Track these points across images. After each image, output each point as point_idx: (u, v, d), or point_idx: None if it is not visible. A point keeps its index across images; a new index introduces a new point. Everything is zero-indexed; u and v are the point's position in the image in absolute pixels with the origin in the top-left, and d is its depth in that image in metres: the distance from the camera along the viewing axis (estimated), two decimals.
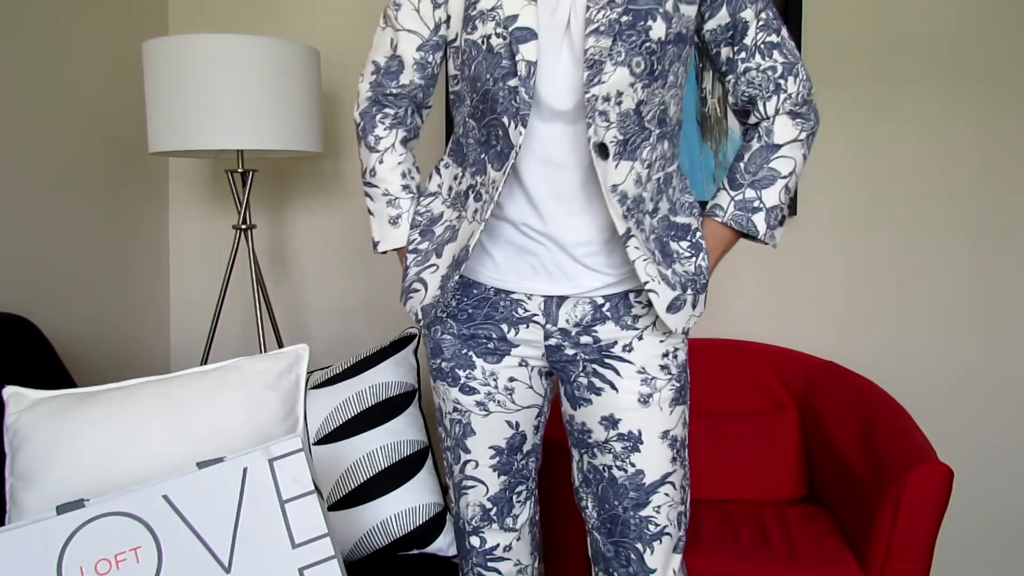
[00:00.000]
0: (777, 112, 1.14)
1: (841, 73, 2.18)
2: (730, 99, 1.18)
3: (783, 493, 1.98)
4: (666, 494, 1.19)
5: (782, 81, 1.13)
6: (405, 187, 1.21)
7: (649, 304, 1.16)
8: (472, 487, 1.28)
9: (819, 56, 2.18)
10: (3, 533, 1.02)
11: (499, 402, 1.23)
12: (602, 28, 1.03)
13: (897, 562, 1.57)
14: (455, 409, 1.25)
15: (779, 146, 1.14)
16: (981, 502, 2.21)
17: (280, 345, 2.13)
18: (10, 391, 1.29)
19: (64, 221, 1.99)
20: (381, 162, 1.21)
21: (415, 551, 1.61)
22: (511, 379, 1.22)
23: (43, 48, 1.90)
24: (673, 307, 1.13)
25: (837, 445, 1.88)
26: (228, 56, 1.75)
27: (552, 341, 1.18)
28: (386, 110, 1.21)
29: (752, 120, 1.17)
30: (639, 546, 1.19)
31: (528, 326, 1.18)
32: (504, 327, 1.18)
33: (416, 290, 1.19)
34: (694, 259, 1.15)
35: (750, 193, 1.15)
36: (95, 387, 1.30)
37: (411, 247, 1.20)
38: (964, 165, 2.16)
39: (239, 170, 1.96)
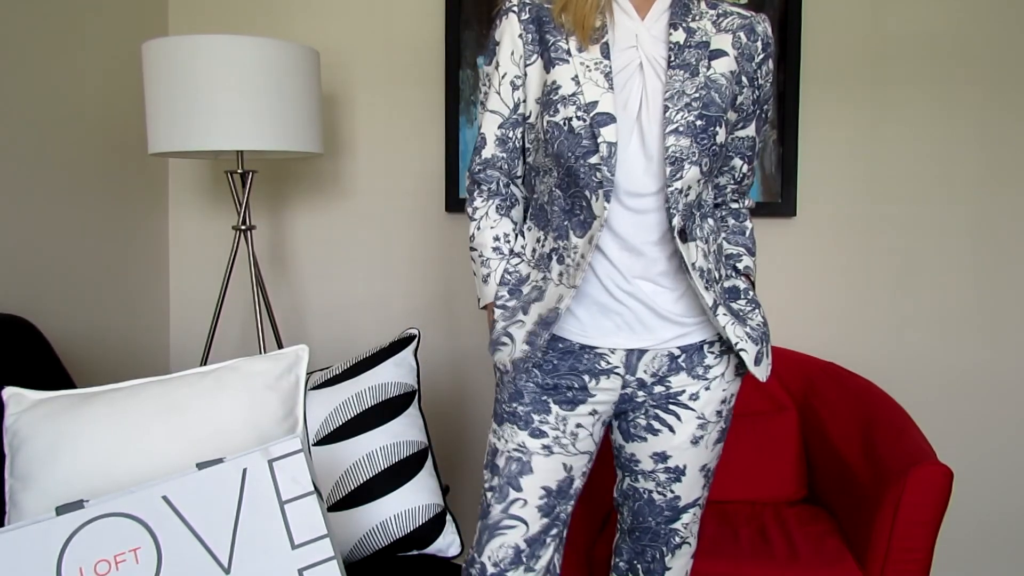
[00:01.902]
0: (749, 209, 1.44)
1: (841, 73, 2.17)
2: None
3: (783, 494, 1.98)
4: (693, 512, 1.38)
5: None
6: (496, 249, 1.31)
7: (722, 354, 1.29)
8: (512, 527, 1.28)
9: (819, 56, 2.18)
10: (3, 534, 1.03)
11: (563, 445, 1.28)
12: (681, 129, 1.16)
13: (897, 563, 1.57)
14: (517, 449, 1.28)
15: (751, 229, 1.42)
16: (981, 502, 2.21)
17: (280, 346, 2.13)
18: (10, 392, 1.29)
19: (64, 221, 1.99)
20: (479, 229, 1.32)
21: (415, 552, 1.61)
22: (578, 425, 1.28)
23: (43, 48, 1.90)
24: (758, 360, 1.27)
25: (837, 446, 1.88)
26: (228, 56, 1.75)
27: (628, 390, 1.28)
28: (481, 185, 1.33)
29: (733, 206, 1.40)
30: (664, 549, 1.40)
31: (609, 377, 1.26)
32: (586, 377, 1.26)
33: (504, 343, 1.27)
34: (757, 312, 1.31)
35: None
36: (95, 388, 1.30)
37: (499, 303, 1.29)
38: (964, 165, 2.16)
39: (239, 171, 1.96)
